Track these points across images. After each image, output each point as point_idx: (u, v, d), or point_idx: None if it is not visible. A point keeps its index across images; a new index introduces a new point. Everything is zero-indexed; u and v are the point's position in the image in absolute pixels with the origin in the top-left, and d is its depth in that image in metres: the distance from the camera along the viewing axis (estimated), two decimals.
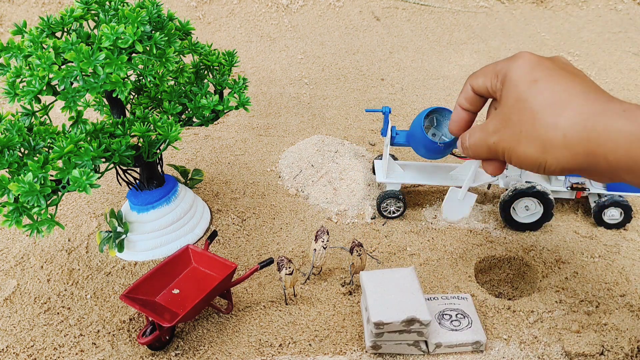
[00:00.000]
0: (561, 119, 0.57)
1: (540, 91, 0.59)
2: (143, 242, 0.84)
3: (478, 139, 0.66)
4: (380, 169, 0.94)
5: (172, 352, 0.69)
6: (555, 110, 0.57)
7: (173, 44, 0.70)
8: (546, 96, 0.58)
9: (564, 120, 0.56)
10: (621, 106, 0.55)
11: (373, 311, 0.65)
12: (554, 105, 0.58)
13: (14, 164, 0.65)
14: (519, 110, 0.60)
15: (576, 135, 0.56)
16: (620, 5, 1.89)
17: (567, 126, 0.56)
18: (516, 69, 0.62)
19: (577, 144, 0.56)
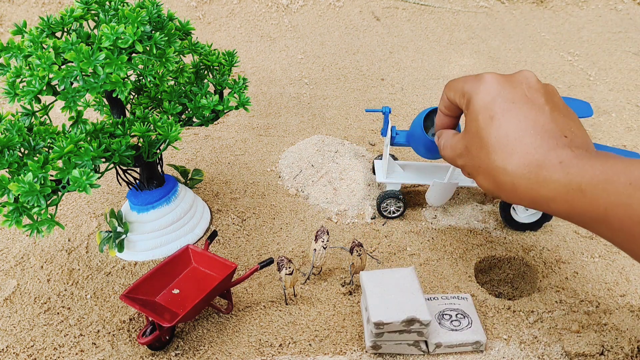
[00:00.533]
0: (509, 166, 0.60)
1: (494, 129, 0.61)
2: (143, 242, 0.84)
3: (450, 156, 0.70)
4: (380, 169, 0.94)
5: (172, 352, 0.70)
6: (504, 154, 0.60)
7: (173, 44, 0.70)
8: (499, 136, 0.61)
9: (511, 167, 0.59)
10: (558, 157, 0.57)
11: (373, 311, 0.65)
12: (504, 148, 0.60)
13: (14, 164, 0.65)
14: (478, 145, 0.63)
15: (521, 185, 0.59)
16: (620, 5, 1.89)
17: (514, 174, 0.59)
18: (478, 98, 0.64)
19: (523, 192, 0.59)
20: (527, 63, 1.54)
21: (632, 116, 1.26)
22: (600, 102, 1.33)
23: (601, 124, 1.22)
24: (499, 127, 0.61)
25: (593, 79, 1.45)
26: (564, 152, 0.58)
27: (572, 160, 0.57)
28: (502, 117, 0.61)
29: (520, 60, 1.57)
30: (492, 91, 0.63)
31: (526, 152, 0.59)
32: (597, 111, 1.28)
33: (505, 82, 0.64)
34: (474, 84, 0.65)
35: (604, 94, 1.37)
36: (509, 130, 0.61)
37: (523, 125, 0.60)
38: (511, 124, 0.61)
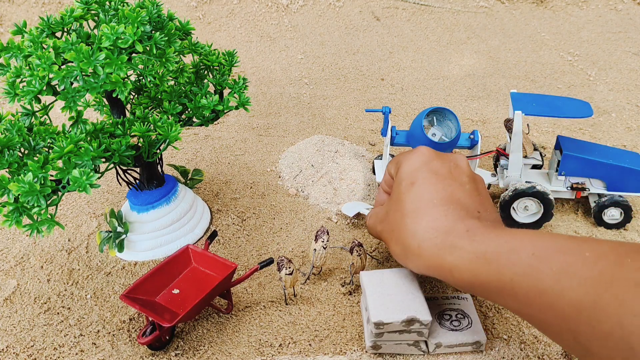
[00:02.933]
0: (418, 228, 0.61)
1: (412, 194, 0.64)
2: (143, 242, 0.84)
3: (372, 224, 0.73)
4: (380, 169, 0.94)
5: (172, 352, 0.70)
6: (416, 217, 0.62)
7: (173, 44, 0.70)
8: (414, 201, 0.63)
9: (420, 230, 0.61)
10: (465, 226, 0.59)
11: (373, 311, 0.65)
12: (417, 212, 0.62)
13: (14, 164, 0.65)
14: (395, 209, 0.66)
15: (427, 249, 0.60)
16: (620, 5, 1.89)
17: (421, 237, 0.60)
18: (406, 165, 0.68)
19: (428, 257, 0.60)
20: (527, 63, 1.54)
21: (632, 116, 1.26)
22: (600, 102, 1.33)
23: (601, 124, 1.22)
24: (416, 192, 0.64)
25: (593, 79, 1.45)
26: (472, 222, 0.59)
27: (479, 229, 0.58)
28: (422, 184, 0.64)
29: (520, 60, 1.57)
30: (420, 161, 0.67)
31: (436, 217, 0.61)
32: (597, 111, 1.28)
33: (435, 157, 0.68)
34: (407, 154, 0.69)
35: (604, 94, 1.37)
36: (425, 196, 0.63)
37: (439, 195, 0.63)
38: (428, 192, 0.63)
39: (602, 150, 0.91)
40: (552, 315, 0.49)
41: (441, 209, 0.62)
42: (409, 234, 0.62)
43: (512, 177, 0.91)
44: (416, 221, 0.62)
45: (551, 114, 0.85)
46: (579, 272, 0.48)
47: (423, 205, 0.63)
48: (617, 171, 0.87)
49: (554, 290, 0.49)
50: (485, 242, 0.56)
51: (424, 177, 0.65)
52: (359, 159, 1.05)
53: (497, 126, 1.23)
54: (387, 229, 0.68)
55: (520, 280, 0.51)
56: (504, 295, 0.53)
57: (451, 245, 0.58)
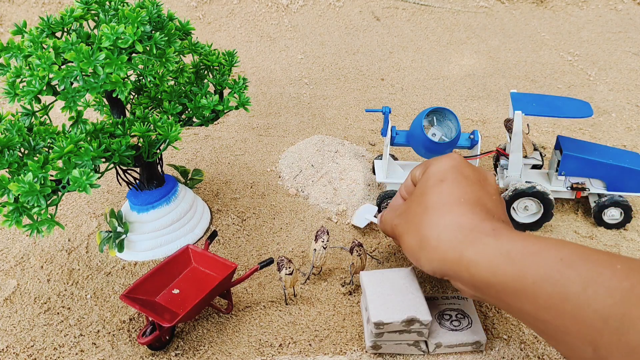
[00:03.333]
0: (442, 221, 0.60)
1: (440, 190, 0.64)
2: (143, 242, 0.84)
3: (388, 218, 0.72)
4: (380, 169, 0.94)
5: (172, 352, 0.70)
6: (441, 211, 0.62)
7: (173, 44, 0.70)
8: (442, 196, 0.63)
9: (443, 223, 0.60)
10: (492, 225, 0.58)
11: (373, 311, 0.65)
12: (443, 207, 0.62)
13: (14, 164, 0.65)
14: (418, 203, 0.65)
15: (447, 242, 0.59)
16: (620, 5, 1.89)
17: (443, 230, 0.60)
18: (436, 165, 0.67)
19: (446, 250, 0.58)
20: (527, 63, 1.54)
21: (632, 116, 1.26)
22: (600, 102, 1.33)
23: (601, 124, 1.22)
24: (445, 189, 0.63)
25: (593, 79, 1.45)
26: (498, 224, 0.59)
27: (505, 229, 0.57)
28: (452, 183, 0.64)
29: (520, 60, 1.57)
30: (452, 162, 0.67)
31: (462, 213, 0.60)
32: (597, 111, 1.28)
33: (467, 164, 0.68)
34: (438, 157, 0.69)
35: (604, 94, 1.37)
36: (454, 194, 0.62)
37: (467, 195, 0.62)
38: (457, 190, 0.63)
39: (602, 150, 0.91)
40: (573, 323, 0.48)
41: (468, 207, 0.61)
42: (430, 226, 0.61)
43: (512, 177, 0.90)
44: (440, 214, 0.61)
45: (551, 114, 0.85)
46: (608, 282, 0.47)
47: (450, 202, 0.62)
48: (617, 171, 0.87)
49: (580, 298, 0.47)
50: (510, 242, 0.55)
51: (454, 177, 0.65)
52: (359, 159, 1.05)
53: (497, 126, 1.23)
54: (405, 221, 0.67)
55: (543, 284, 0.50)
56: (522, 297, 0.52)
57: (474, 239, 0.57)
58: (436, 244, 0.60)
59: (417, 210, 0.64)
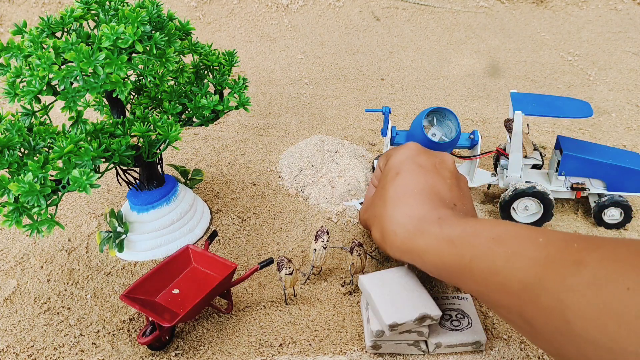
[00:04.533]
0: (396, 214, 0.66)
1: (396, 183, 0.68)
2: (143, 242, 0.84)
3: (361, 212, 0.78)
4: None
5: (172, 352, 0.70)
6: (396, 204, 0.67)
7: (173, 44, 0.70)
8: (397, 189, 0.68)
9: (397, 216, 0.65)
10: (438, 213, 0.63)
11: (384, 314, 0.64)
12: (397, 200, 0.67)
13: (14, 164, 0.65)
14: (380, 197, 0.70)
15: (401, 234, 0.64)
16: (620, 5, 1.89)
17: (397, 223, 0.65)
18: (393, 157, 0.72)
19: (402, 241, 0.64)
20: (527, 63, 1.54)
21: (632, 116, 1.26)
22: (600, 102, 1.33)
23: (601, 124, 1.22)
24: (399, 182, 0.68)
25: (593, 79, 1.45)
26: (445, 212, 0.64)
27: (449, 217, 0.62)
28: (406, 174, 0.68)
29: (520, 60, 1.57)
30: (407, 154, 0.71)
31: (413, 205, 0.65)
32: (597, 111, 1.28)
33: (422, 152, 0.72)
34: (396, 148, 0.74)
35: (604, 94, 1.37)
36: (407, 186, 0.67)
37: (420, 185, 0.67)
38: (410, 182, 0.68)
39: (602, 150, 0.91)
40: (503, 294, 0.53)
41: (419, 198, 0.66)
42: (388, 220, 0.66)
43: (512, 177, 0.91)
44: (395, 208, 0.66)
45: (551, 114, 0.85)
46: (529, 254, 0.51)
47: (403, 194, 0.67)
48: (617, 171, 0.87)
49: (505, 270, 0.52)
50: (452, 228, 0.60)
51: (408, 168, 0.69)
52: (359, 158, 1.05)
53: (497, 126, 1.23)
54: (371, 214, 0.72)
55: (478, 262, 0.55)
56: (464, 276, 0.57)
57: (422, 230, 0.62)
58: (394, 236, 0.65)
59: (379, 203, 0.70)
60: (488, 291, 0.55)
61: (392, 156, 0.73)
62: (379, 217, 0.69)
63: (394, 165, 0.71)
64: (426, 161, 0.71)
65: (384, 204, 0.68)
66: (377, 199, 0.72)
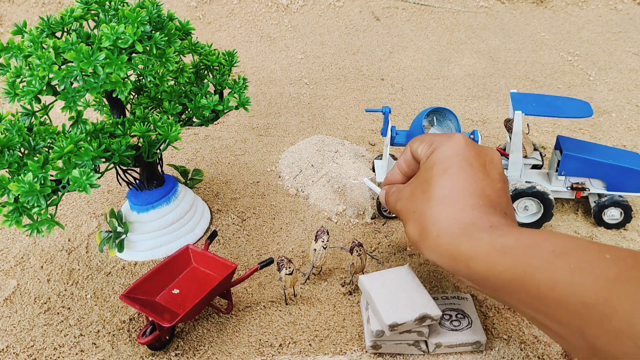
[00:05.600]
0: (442, 216, 0.61)
1: (443, 181, 0.63)
2: (143, 242, 0.84)
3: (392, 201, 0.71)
4: (380, 169, 0.94)
5: (172, 352, 0.69)
6: (442, 205, 0.62)
7: (173, 44, 0.70)
8: (444, 188, 0.63)
9: (443, 218, 0.61)
10: (490, 220, 0.59)
11: (384, 314, 0.64)
12: (444, 200, 0.62)
13: (14, 164, 0.65)
14: (422, 191, 0.65)
15: (445, 238, 0.59)
16: (620, 5, 1.89)
17: (442, 226, 0.60)
18: (441, 150, 0.66)
19: (445, 245, 0.59)
20: (527, 63, 1.54)
21: (632, 116, 1.26)
22: (600, 102, 1.33)
23: (601, 124, 1.22)
24: (448, 179, 0.63)
25: (593, 79, 1.45)
26: (496, 219, 0.60)
27: (502, 225, 0.58)
28: (456, 173, 0.63)
29: (520, 60, 1.57)
30: (456, 149, 0.65)
31: (462, 209, 0.60)
32: (597, 111, 1.28)
33: (472, 147, 0.66)
34: (443, 138, 0.68)
35: (604, 94, 1.37)
36: (456, 185, 0.62)
37: (471, 187, 0.62)
38: (460, 182, 0.63)
39: (602, 150, 0.91)
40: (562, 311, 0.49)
41: (469, 201, 0.61)
42: (431, 220, 0.61)
43: (512, 177, 0.91)
44: (441, 209, 0.61)
45: (551, 114, 0.85)
46: (595, 270, 0.47)
47: (452, 195, 0.62)
48: (617, 171, 0.87)
49: (568, 285, 0.48)
50: (505, 237, 0.56)
51: (458, 166, 0.64)
52: (359, 159, 1.05)
53: (497, 126, 1.23)
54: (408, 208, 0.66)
55: (534, 273, 0.51)
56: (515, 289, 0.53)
57: (470, 236, 0.58)
58: (436, 237, 0.60)
59: (420, 199, 0.64)
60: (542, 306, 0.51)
61: (438, 148, 0.67)
62: (418, 214, 0.64)
63: (441, 159, 0.65)
64: (476, 159, 0.65)
65: (427, 201, 0.63)
66: (417, 192, 0.66)
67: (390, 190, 0.73)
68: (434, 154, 0.66)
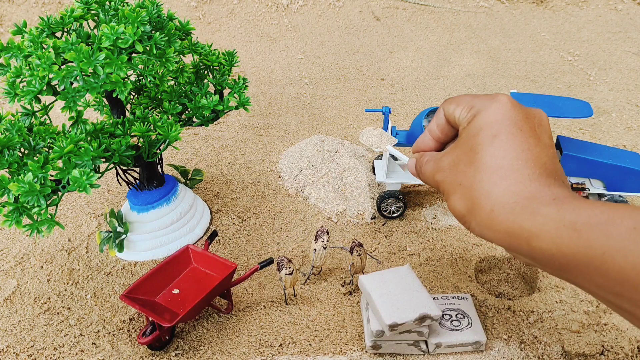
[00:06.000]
0: (497, 190, 0.55)
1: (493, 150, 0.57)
2: (143, 242, 0.84)
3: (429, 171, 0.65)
4: (380, 169, 0.94)
5: (172, 352, 0.69)
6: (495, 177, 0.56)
7: (173, 44, 0.70)
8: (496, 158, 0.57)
9: (497, 192, 0.55)
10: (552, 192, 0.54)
11: (385, 314, 0.64)
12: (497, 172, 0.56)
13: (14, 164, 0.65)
14: (468, 161, 0.59)
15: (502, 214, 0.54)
16: (620, 5, 1.89)
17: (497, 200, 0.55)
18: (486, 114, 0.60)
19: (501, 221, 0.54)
20: (527, 63, 1.54)
21: (632, 116, 1.26)
22: (600, 102, 1.33)
23: (601, 124, 1.22)
24: (498, 147, 0.57)
25: (593, 79, 1.45)
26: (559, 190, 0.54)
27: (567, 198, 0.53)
28: (506, 139, 0.57)
29: (520, 60, 1.57)
30: (502, 112, 0.59)
31: (519, 180, 0.55)
32: (597, 111, 1.28)
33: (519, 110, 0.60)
34: (486, 100, 0.61)
35: (604, 94, 1.37)
36: (508, 155, 0.57)
37: (525, 155, 0.57)
38: (512, 149, 0.57)
39: (602, 150, 0.91)
40: None
41: (526, 171, 0.55)
42: (483, 194, 0.56)
43: None
44: (495, 181, 0.56)
45: (551, 114, 0.85)
46: None
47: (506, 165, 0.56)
48: (616, 171, 0.87)
49: None
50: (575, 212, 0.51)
51: (508, 131, 0.58)
52: (359, 159, 1.05)
53: None
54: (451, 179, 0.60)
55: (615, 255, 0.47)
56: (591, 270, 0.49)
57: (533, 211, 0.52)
58: (490, 212, 0.55)
59: (467, 170, 0.58)
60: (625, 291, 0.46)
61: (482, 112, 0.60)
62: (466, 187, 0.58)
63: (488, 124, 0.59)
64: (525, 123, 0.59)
65: (475, 173, 0.57)
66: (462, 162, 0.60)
67: (423, 159, 0.66)
68: (477, 118, 0.60)
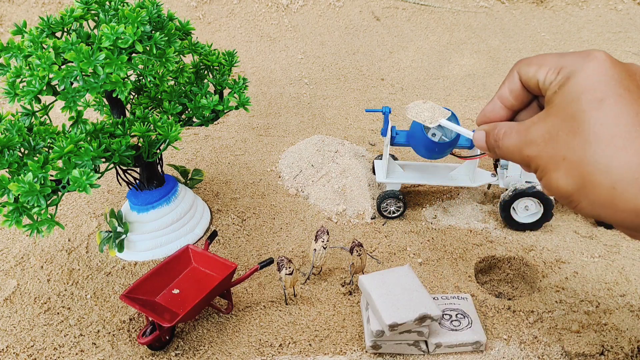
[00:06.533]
0: (615, 162, 0.47)
1: (602, 116, 0.49)
2: (143, 242, 0.84)
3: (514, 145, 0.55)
4: (380, 169, 0.94)
5: (172, 352, 0.69)
6: (612, 148, 0.48)
7: (173, 44, 0.70)
8: (608, 126, 0.49)
9: (617, 164, 0.47)
10: None
11: (385, 314, 0.64)
12: (612, 141, 0.48)
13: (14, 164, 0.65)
14: (571, 131, 0.51)
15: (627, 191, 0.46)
16: (620, 5, 1.89)
17: (619, 175, 0.47)
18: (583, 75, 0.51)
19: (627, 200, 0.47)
20: None
21: None
22: None
23: None
24: (608, 113, 0.49)
25: None
26: None
27: None
28: (615, 102, 0.49)
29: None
30: (603, 70, 0.51)
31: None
32: None
33: (620, 67, 0.52)
34: (578, 59, 0.52)
35: None
36: (621, 120, 0.48)
37: None
38: (625, 114, 0.48)
39: None
40: None
41: None
42: (599, 169, 0.48)
43: (512, 177, 0.90)
44: (611, 153, 0.48)
45: None
46: None
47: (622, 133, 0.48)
48: None
49: None
50: None
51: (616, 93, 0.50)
52: (359, 159, 1.05)
53: None
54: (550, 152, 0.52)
55: None
56: None
57: None
58: (611, 190, 0.47)
59: (572, 143, 0.50)
60: None
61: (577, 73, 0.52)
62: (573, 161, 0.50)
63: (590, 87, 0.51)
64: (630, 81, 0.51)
65: (584, 143, 0.49)
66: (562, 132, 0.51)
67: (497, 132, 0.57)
68: (573, 81, 0.52)
